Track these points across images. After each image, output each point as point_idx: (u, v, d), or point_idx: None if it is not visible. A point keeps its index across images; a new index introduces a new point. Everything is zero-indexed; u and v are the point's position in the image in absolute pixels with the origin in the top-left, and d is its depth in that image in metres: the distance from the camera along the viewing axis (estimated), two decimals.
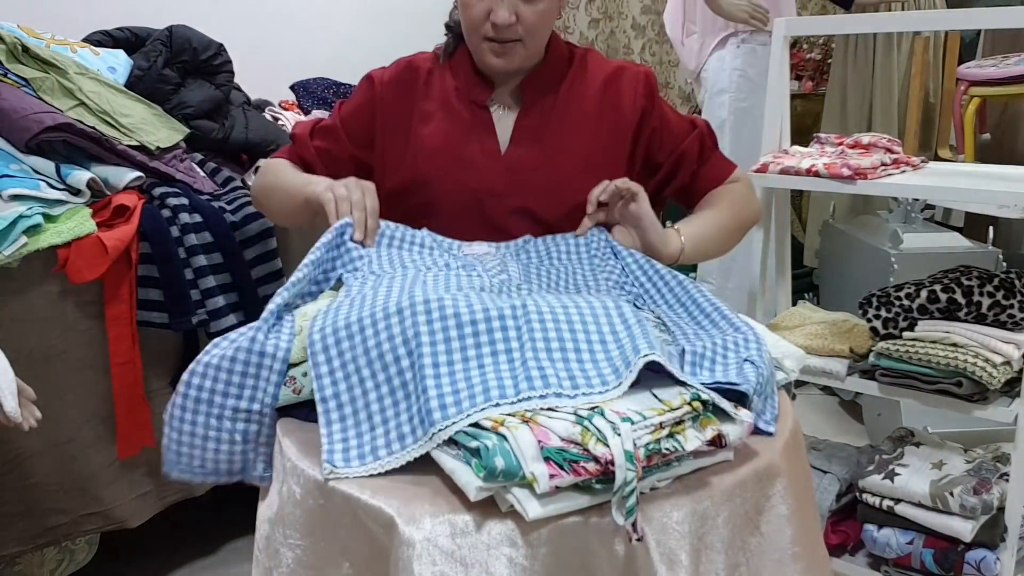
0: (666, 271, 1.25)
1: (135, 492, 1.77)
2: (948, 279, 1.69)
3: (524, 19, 1.29)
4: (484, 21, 1.30)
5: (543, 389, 0.93)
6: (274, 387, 1.05)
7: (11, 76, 1.74)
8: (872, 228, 2.69)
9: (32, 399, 1.20)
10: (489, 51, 1.33)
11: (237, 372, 1.04)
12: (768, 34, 2.52)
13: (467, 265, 1.24)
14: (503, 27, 1.28)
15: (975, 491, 1.58)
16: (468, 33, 1.34)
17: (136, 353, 1.70)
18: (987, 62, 2.71)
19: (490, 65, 1.34)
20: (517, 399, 0.92)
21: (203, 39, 2.08)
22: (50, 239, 1.56)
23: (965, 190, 1.63)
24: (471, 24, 1.32)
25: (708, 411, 0.94)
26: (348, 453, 0.96)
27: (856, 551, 1.78)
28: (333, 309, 1.07)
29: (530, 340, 1.00)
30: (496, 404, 0.91)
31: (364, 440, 0.97)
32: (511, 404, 0.91)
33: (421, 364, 0.97)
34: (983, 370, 1.55)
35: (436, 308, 1.01)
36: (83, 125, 1.70)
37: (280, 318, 1.09)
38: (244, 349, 1.04)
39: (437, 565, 0.85)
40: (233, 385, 1.04)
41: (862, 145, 1.82)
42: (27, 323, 1.59)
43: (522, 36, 1.31)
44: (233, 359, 1.04)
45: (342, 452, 0.96)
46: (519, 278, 1.23)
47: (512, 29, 1.29)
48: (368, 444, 0.97)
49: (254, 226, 1.83)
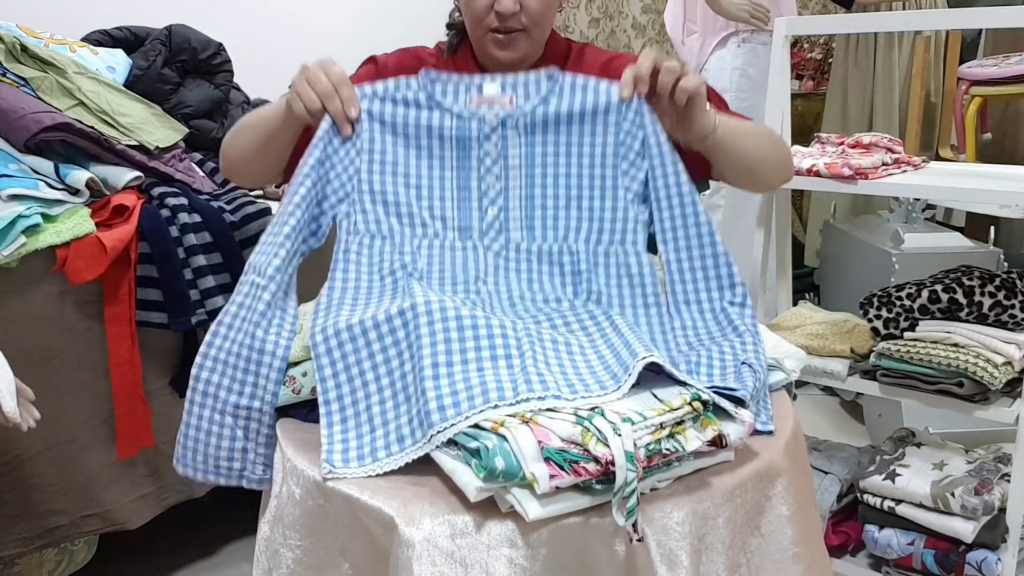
0: (688, 195, 1.14)
1: (135, 493, 1.76)
2: (949, 279, 1.68)
3: (528, 8, 1.28)
4: (488, 12, 1.29)
5: (542, 391, 0.93)
6: (274, 385, 1.06)
7: (10, 76, 1.73)
8: (873, 228, 2.69)
9: (31, 399, 1.20)
10: (493, 43, 1.31)
11: (240, 368, 1.05)
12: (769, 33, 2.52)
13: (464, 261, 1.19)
14: (507, 15, 1.27)
15: (976, 492, 1.58)
16: (472, 26, 1.34)
17: (135, 353, 1.70)
18: (988, 61, 2.70)
19: (494, 57, 1.33)
20: (516, 400, 0.92)
21: (202, 38, 2.07)
22: (49, 239, 1.56)
23: (966, 190, 1.63)
24: (474, 16, 1.31)
25: (709, 411, 0.94)
26: (347, 454, 0.96)
27: (857, 552, 1.78)
28: (334, 307, 1.07)
29: (530, 349, 1.00)
30: (495, 406, 0.91)
31: (364, 441, 0.97)
32: (510, 405, 0.91)
33: (421, 366, 0.96)
34: (984, 370, 1.55)
35: (438, 310, 1.01)
36: (82, 125, 1.70)
37: (281, 289, 1.08)
38: (246, 345, 1.05)
39: (437, 566, 0.85)
40: (236, 381, 1.06)
41: (863, 145, 1.82)
42: (26, 323, 1.59)
43: (526, 25, 1.29)
44: (237, 355, 1.05)
45: (342, 453, 0.96)
46: (523, 241, 1.18)
47: (516, 18, 1.28)
48: (368, 445, 0.97)
49: (254, 226, 1.83)
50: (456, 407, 0.92)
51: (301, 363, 1.07)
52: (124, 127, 1.80)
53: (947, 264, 1.82)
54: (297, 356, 1.07)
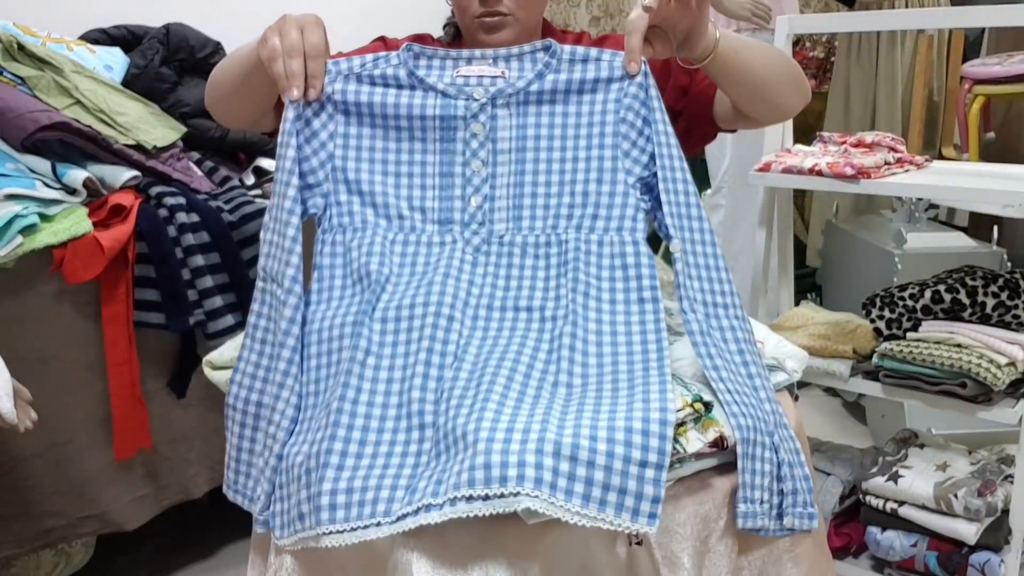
0: (692, 191, 1.05)
1: (132, 494, 1.76)
2: (952, 279, 1.68)
3: None
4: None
5: (433, 497, 0.85)
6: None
7: (6, 74, 1.73)
8: (875, 228, 2.68)
9: (28, 400, 1.19)
10: (481, 28, 1.27)
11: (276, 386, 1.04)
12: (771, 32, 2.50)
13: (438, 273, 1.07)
14: (492, 0, 1.24)
15: (979, 493, 1.57)
16: (460, 16, 1.32)
17: (133, 354, 1.69)
18: (991, 60, 2.69)
19: (483, 43, 1.27)
20: (403, 513, 0.86)
21: (200, 37, 2.07)
22: (46, 239, 1.55)
23: (969, 189, 1.62)
24: (460, 6, 1.29)
25: (710, 413, 0.93)
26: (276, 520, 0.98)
27: (859, 553, 1.78)
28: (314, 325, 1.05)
29: (453, 410, 0.92)
30: (378, 523, 0.87)
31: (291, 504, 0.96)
32: (392, 523, 0.86)
33: (330, 437, 0.94)
34: (987, 371, 1.54)
35: (372, 368, 0.98)
36: (79, 124, 1.69)
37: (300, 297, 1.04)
38: (280, 370, 1.03)
39: (436, 569, 0.84)
40: (280, 400, 1.03)
41: (865, 144, 1.81)
42: (23, 324, 1.58)
43: (512, 10, 1.25)
44: (272, 374, 1.04)
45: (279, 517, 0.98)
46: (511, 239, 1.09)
47: (501, 3, 1.24)
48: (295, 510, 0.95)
49: (252, 226, 1.82)
50: (347, 509, 0.89)
51: None
52: (122, 126, 1.79)
53: (950, 264, 1.81)
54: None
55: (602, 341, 0.99)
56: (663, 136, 1.05)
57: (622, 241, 1.05)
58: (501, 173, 1.09)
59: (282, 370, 1.01)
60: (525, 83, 1.08)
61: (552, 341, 1.00)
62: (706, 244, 1.05)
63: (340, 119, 1.10)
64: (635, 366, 0.95)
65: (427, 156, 1.11)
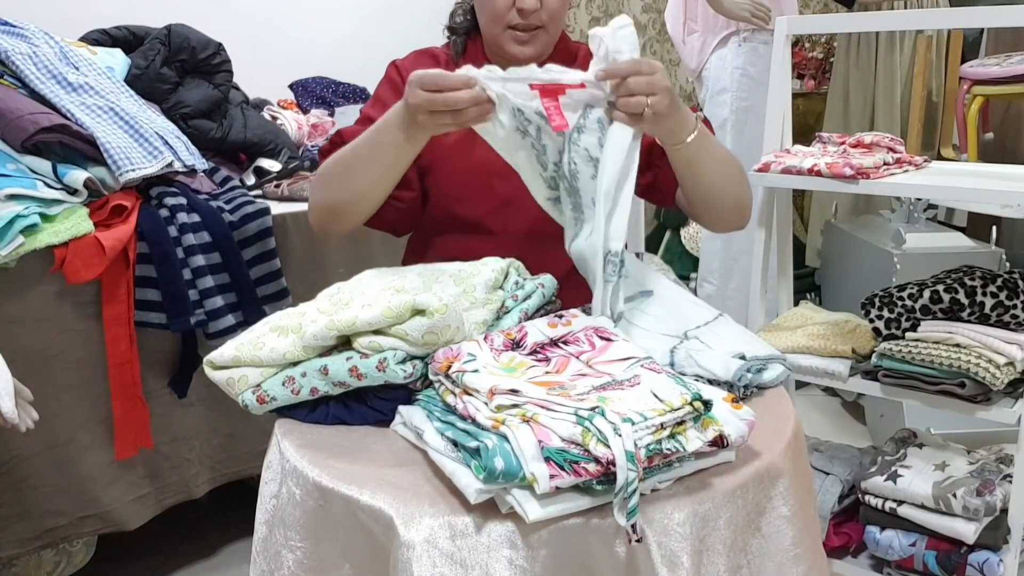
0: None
1: (133, 494, 1.76)
2: (951, 279, 1.68)
3: (547, 4, 1.32)
4: (509, 10, 1.32)
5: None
6: None
7: (7, 77, 1.73)
8: (874, 228, 2.68)
9: (29, 400, 1.20)
10: (513, 40, 1.35)
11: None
12: (770, 32, 2.51)
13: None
14: (529, 12, 1.31)
15: (978, 493, 1.57)
16: (490, 24, 1.36)
17: (134, 354, 1.69)
18: (990, 61, 2.70)
19: (513, 54, 1.35)
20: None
21: (201, 38, 2.07)
22: (47, 239, 1.55)
23: (968, 190, 1.62)
24: (494, 14, 1.34)
25: (709, 411, 0.93)
26: None
27: (858, 553, 1.78)
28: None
29: None
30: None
31: None
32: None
33: None
34: (986, 371, 1.54)
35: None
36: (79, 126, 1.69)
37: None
38: None
39: (437, 567, 0.85)
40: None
41: (864, 144, 1.81)
42: (24, 323, 1.58)
43: (545, 22, 1.34)
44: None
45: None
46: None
47: (536, 15, 1.32)
48: None
49: (252, 226, 1.82)
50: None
51: (300, 363, 1.06)
52: None
53: (949, 264, 1.81)
54: (297, 356, 1.06)
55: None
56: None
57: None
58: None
59: None
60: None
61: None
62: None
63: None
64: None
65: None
